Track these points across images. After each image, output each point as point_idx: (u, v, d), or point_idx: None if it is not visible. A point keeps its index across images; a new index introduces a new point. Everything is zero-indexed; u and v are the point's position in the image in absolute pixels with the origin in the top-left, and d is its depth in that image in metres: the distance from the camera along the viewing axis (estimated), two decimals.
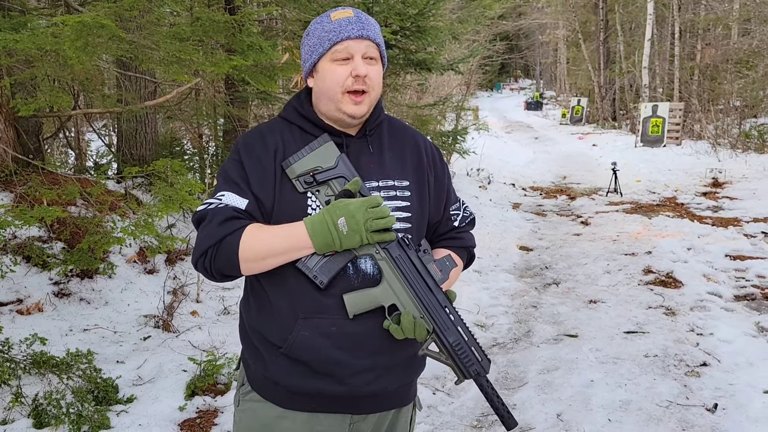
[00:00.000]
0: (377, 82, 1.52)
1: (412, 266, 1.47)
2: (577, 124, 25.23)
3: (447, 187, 1.70)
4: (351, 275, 1.47)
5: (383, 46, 1.55)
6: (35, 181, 4.28)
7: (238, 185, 1.49)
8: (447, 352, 1.46)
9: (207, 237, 1.45)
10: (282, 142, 1.53)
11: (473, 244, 1.77)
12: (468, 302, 5.29)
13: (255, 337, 1.55)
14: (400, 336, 1.45)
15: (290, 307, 1.48)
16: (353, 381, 1.48)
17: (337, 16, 1.51)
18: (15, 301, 4.34)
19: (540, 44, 45.25)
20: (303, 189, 1.48)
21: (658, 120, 15.94)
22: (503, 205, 9.91)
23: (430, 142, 1.72)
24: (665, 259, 6.30)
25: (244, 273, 1.47)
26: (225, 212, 1.45)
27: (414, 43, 8.41)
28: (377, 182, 1.54)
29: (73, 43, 2.86)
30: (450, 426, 3.39)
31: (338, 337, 1.47)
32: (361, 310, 1.46)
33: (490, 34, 19.90)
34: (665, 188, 10.92)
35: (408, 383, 1.61)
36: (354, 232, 1.40)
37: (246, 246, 1.42)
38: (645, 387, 3.72)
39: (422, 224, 1.61)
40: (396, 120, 1.71)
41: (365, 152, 1.57)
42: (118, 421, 3.24)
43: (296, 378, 1.50)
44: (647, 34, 19.36)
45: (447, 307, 1.48)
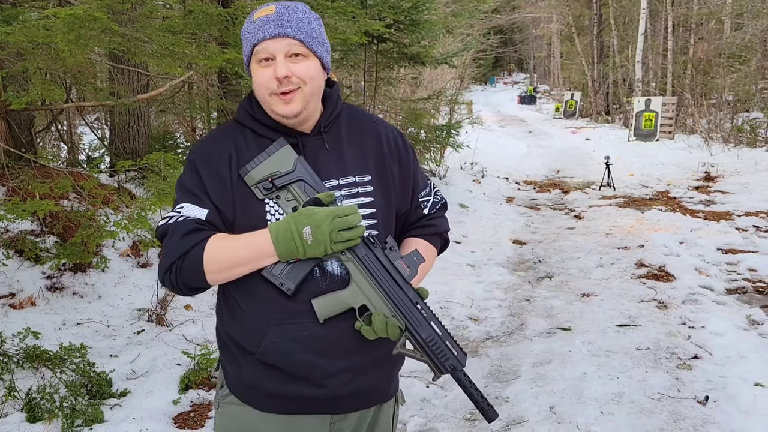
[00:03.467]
0: (308, 76, 1.44)
1: (380, 265, 1.44)
2: (571, 118, 25.28)
3: (414, 174, 1.65)
4: (318, 278, 1.45)
5: (314, 40, 1.46)
6: (27, 175, 4.26)
7: (196, 196, 1.46)
8: (421, 349, 1.44)
9: (170, 252, 1.42)
10: (236, 148, 1.49)
11: (446, 228, 1.73)
12: (461, 296, 5.30)
13: (230, 342, 1.53)
14: (372, 336, 1.43)
15: (260, 314, 1.46)
16: (330, 383, 1.47)
17: (258, 14, 1.44)
18: (8, 295, 4.33)
19: (534, 38, 45.26)
20: (262, 196, 1.45)
21: (651, 114, 15.99)
22: (497, 199, 9.93)
23: (393, 128, 1.66)
24: (658, 252, 6.34)
25: (212, 284, 1.44)
26: (186, 225, 1.42)
27: (408, 37, 8.40)
28: (337, 180, 1.50)
29: (66, 35, 2.85)
30: (443, 419, 3.41)
31: (311, 342, 1.44)
32: (332, 313, 1.43)
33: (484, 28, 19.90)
34: (658, 182, 10.97)
35: (387, 379, 1.59)
36: (318, 243, 1.37)
37: (210, 257, 1.40)
38: (637, 380, 3.74)
39: (389, 219, 1.57)
40: (356, 110, 1.64)
41: (322, 150, 1.51)
42: (112, 415, 3.24)
43: (272, 382, 1.48)
44: (641, 28, 19.39)
45: (418, 303, 1.45)
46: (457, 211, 8.67)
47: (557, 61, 37.95)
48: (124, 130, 6.66)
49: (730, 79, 17.09)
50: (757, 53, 17.10)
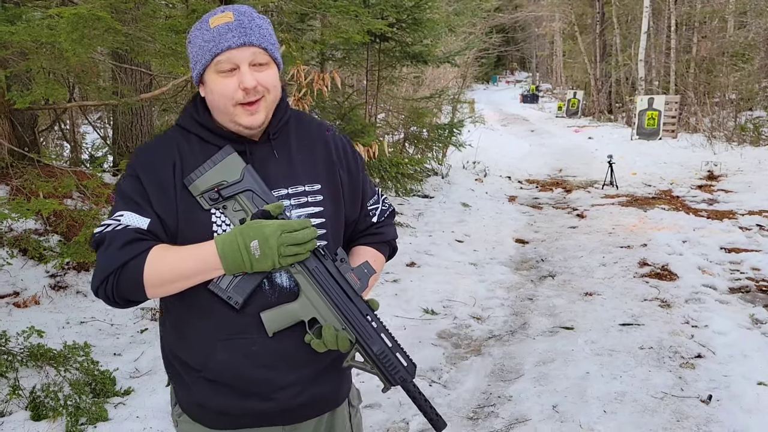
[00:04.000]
0: (272, 85, 1.41)
1: (330, 277, 1.41)
2: (573, 116, 25.24)
3: (362, 182, 1.61)
4: (267, 291, 1.40)
5: (273, 47, 1.42)
6: (31, 174, 4.27)
7: (137, 204, 1.38)
8: (372, 362, 1.42)
9: (107, 263, 1.34)
10: (180, 155, 1.42)
11: (395, 236, 1.70)
12: (464, 295, 5.31)
13: (174, 360, 1.50)
14: (322, 349, 1.40)
15: (207, 329, 1.42)
16: (279, 396, 1.44)
17: (215, 21, 1.38)
18: (12, 294, 4.34)
19: (536, 37, 45.19)
20: (208, 206, 1.39)
21: (654, 113, 15.96)
22: (499, 197, 9.92)
23: (340, 135, 1.62)
24: (660, 251, 6.33)
25: (151, 297, 1.38)
26: (125, 234, 1.35)
27: (410, 36, 8.40)
28: (286, 189, 1.45)
29: (69, 35, 2.85)
30: (446, 417, 3.41)
31: (260, 357, 1.41)
32: (281, 327, 1.40)
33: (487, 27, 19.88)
34: (661, 181, 10.95)
35: (337, 386, 1.57)
36: (266, 257, 1.32)
37: (151, 270, 1.33)
38: (640, 379, 3.74)
39: (338, 228, 1.54)
40: (304, 116, 1.60)
41: (271, 158, 1.46)
42: (116, 413, 3.25)
43: (221, 399, 1.44)
44: (643, 26, 19.36)
45: (368, 315, 1.42)
46: (459, 210, 8.67)
47: (560, 59, 37.90)
48: (127, 129, 6.68)
49: (734, 77, 17.06)
50: (760, 52, 17.06)
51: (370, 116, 9.01)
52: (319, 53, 8.09)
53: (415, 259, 6.26)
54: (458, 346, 4.37)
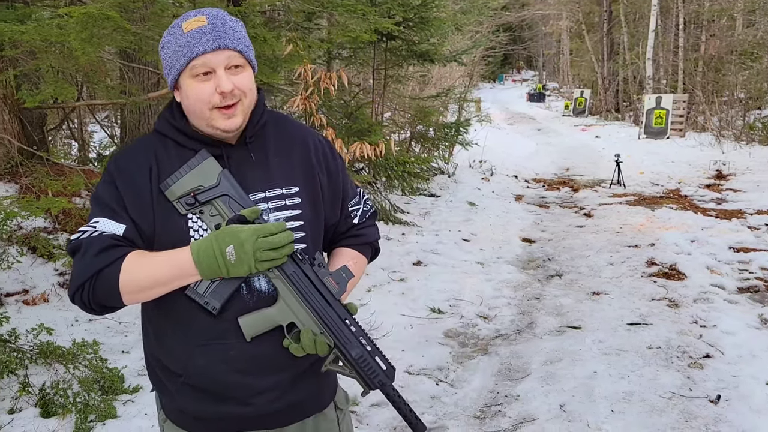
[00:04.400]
0: (248, 88, 1.40)
1: (308, 281, 1.40)
2: (580, 115, 25.18)
3: (342, 184, 1.59)
4: (245, 296, 1.40)
5: (248, 49, 1.42)
6: (40, 173, 4.30)
7: (113, 210, 1.37)
8: (350, 366, 1.41)
9: (83, 270, 1.33)
10: (156, 160, 1.41)
11: (377, 237, 1.69)
12: (471, 294, 5.30)
13: (156, 364, 1.49)
14: (300, 354, 1.40)
15: (185, 335, 1.41)
16: (257, 401, 1.44)
17: (189, 26, 1.37)
18: (21, 292, 4.37)
19: (543, 35, 45.11)
20: (185, 211, 1.38)
21: (661, 112, 15.89)
22: (506, 197, 9.91)
23: (320, 136, 1.60)
24: (668, 251, 6.31)
25: (128, 304, 1.38)
26: (101, 241, 1.34)
27: (417, 35, 8.39)
28: (264, 193, 1.44)
29: (79, 34, 2.87)
30: (453, 416, 3.41)
31: (237, 361, 1.40)
32: (259, 332, 1.39)
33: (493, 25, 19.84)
34: (669, 180, 10.90)
35: (317, 390, 1.56)
36: (242, 262, 1.31)
37: (127, 277, 1.32)
38: (648, 378, 3.73)
39: (317, 231, 1.53)
40: (282, 117, 1.59)
41: (247, 162, 1.45)
42: (125, 411, 3.26)
43: (199, 405, 1.44)
44: (651, 25, 19.27)
45: (347, 319, 1.42)
46: (465, 209, 8.67)
47: (566, 58, 37.80)
48: (134, 128, 6.71)
49: (742, 76, 16.96)
50: None
51: (376, 115, 9.01)
52: (326, 52, 8.10)
53: (422, 258, 6.26)
54: (465, 345, 4.37)
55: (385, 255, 6.17)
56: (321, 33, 8.54)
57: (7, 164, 4.96)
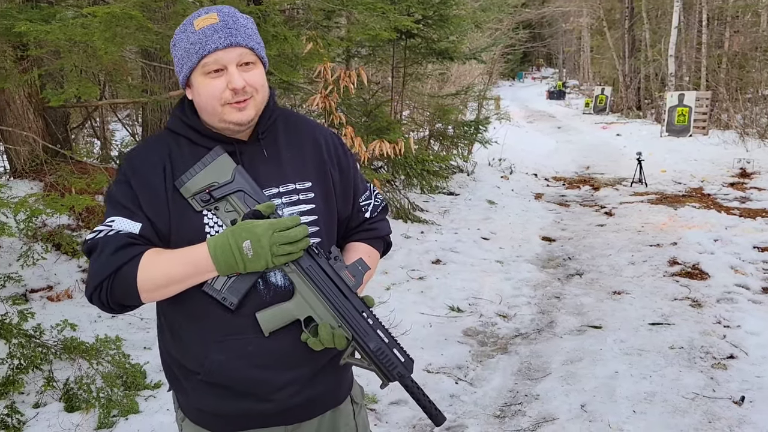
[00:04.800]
0: (260, 84, 1.41)
1: (324, 275, 1.40)
2: (601, 113, 24.93)
3: (354, 179, 1.60)
4: (262, 291, 1.40)
5: (259, 46, 1.42)
6: (64, 171, 4.35)
7: (128, 209, 1.38)
8: (369, 359, 1.41)
9: (100, 269, 1.34)
10: (170, 158, 1.42)
11: (388, 231, 1.69)
12: (490, 292, 5.28)
13: (173, 363, 1.50)
14: (318, 347, 1.39)
15: (202, 331, 1.41)
16: (277, 397, 1.44)
17: (200, 23, 1.37)
18: (45, 288, 4.44)
19: (563, 32, 44.73)
20: (200, 208, 1.39)
21: (684, 109, 15.68)
22: (525, 195, 9.85)
23: (330, 132, 1.61)
24: (691, 250, 6.22)
25: (146, 302, 1.38)
26: (117, 240, 1.34)
27: (436, 32, 8.37)
28: (277, 188, 1.45)
29: (102, 34, 2.90)
30: (473, 415, 3.40)
31: (256, 356, 1.40)
32: (277, 326, 1.39)
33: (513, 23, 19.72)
34: (691, 178, 10.76)
35: (336, 385, 1.56)
36: (259, 257, 1.31)
37: (145, 275, 1.33)
38: (670, 379, 3.69)
39: (331, 225, 1.53)
40: (293, 115, 1.60)
41: (260, 158, 1.46)
42: (147, 406, 3.30)
43: (218, 402, 1.44)
44: (674, 21, 19.01)
45: (364, 312, 1.42)
46: (485, 208, 8.63)
47: (587, 55, 37.45)
48: (155, 126, 6.77)
49: (767, 73, 16.67)
50: None
51: (395, 113, 9.01)
52: (345, 50, 8.11)
53: (441, 256, 6.25)
54: (484, 343, 4.36)
55: (404, 253, 6.17)
56: (340, 31, 8.55)
57: (32, 162, 5.03)
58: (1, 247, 4.52)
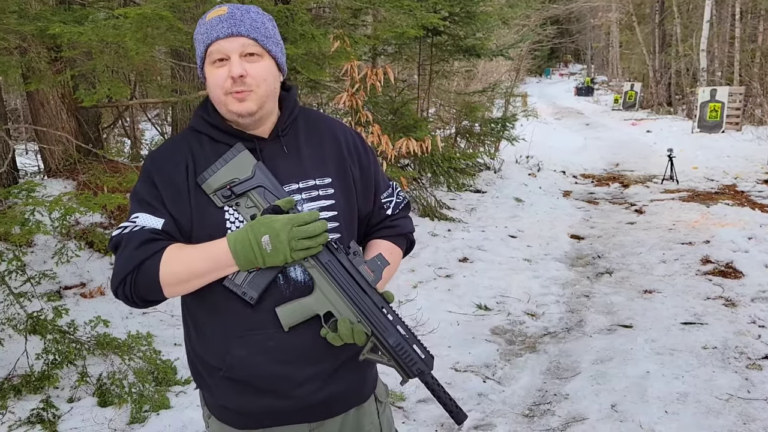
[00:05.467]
0: (262, 78, 1.41)
1: (344, 270, 1.41)
2: (630, 109, 24.55)
3: (375, 176, 1.60)
4: (282, 286, 1.41)
5: (268, 39, 1.43)
6: (97, 170, 4.43)
7: (151, 205, 1.41)
8: (388, 354, 1.41)
9: (125, 263, 1.37)
10: (192, 156, 1.44)
11: (411, 229, 1.69)
12: (518, 291, 5.24)
13: (197, 360, 1.51)
14: (338, 343, 1.40)
15: (223, 326, 1.43)
16: (298, 393, 1.44)
17: (210, 15, 1.41)
18: (79, 285, 4.53)
19: (591, 28, 44.16)
20: (221, 204, 1.41)
21: (716, 105, 15.37)
22: (553, 192, 9.75)
23: (351, 130, 1.62)
24: (724, 248, 6.10)
25: (168, 296, 1.40)
26: (141, 235, 1.37)
27: (463, 29, 8.33)
28: (297, 184, 1.46)
29: (134, 34, 2.94)
30: (501, 414, 3.38)
31: (276, 352, 1.41)
32: (296, 321, 1.40)
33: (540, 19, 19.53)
34: (724, 175, 10.53)
35: (359, 382, 1.56)
36: (278, 252, 1.32)
37: (167, 269, 1.35)
38: (703, 379, 3.62)
39: (351, 221, 1.53)
40: (313, 112, 1.61)
41: (280, 154, 1.47)
42: (177, 402, 3.34)
43: (241, 399, 1.46)
44: (706, 15, 18.63)
45: (384, 307, 1.42)
46: (512, 206, 8.57)
47: (616, 51, 36.92)
48: (184, 126, 6.84)
49: None
50: None
51: (422, 111, 8.99)
52: (371, 48, 8.11)
53: (468, 254, 6.22)
54: (512, 342, 4.32)
55: (431, 251, 6.15)
56: (366, 29, 8.56)
57: (65, 161, 5.14)
58: (36, 244, 4.62)
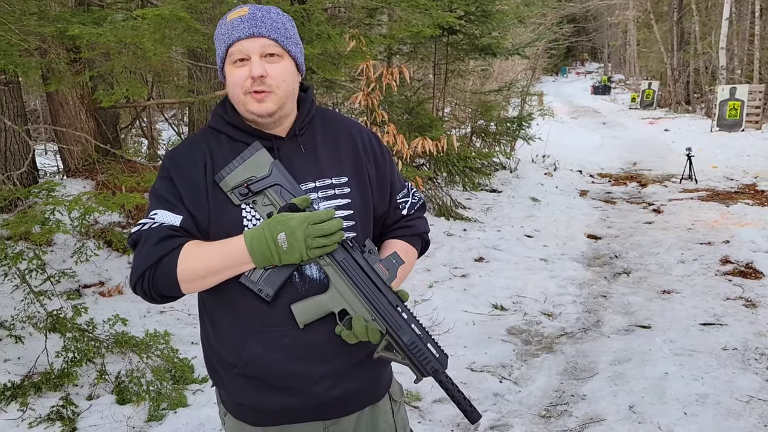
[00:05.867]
0: (281, 79, 1.42)
1: (359, 268, 1.42)
2: (648, 108, 24.32)
3: (390, 176, 1.62)
4: (297, 284, 1.42)
5: (288, 40, 1.44)
6: (115, 169, 4.47)
7: (170, 202, 1.42)
8: (402, 352, 1.42)
9: (143, 259, 1.39)
10: (210, 154, 1.46)
11: (426, 229, 1.69)
12: (534, 291, 5.21)
13: (213, 357, 1.53)
14: (352, 340, 1.41)
15: (239, 323, 1.45)
16: (313, 390, 1.45)
17: (231, 16, 1.43)
18: (97, 284, 4.57)
19: (608, 26, 43.81)
20: (238, 201, 1.42)
21: (736, 103, 15.18)
22: (570, 192, 9.68)
23: (367, 130, 1.63)
24: (744, 248, 6.02)
25: (186, 293, 1.42)
26: (160, 232, 1.39)
27: (478, 28, 8.30)
28: (314, 183, 1.47)
29: (152, 35, 2.97)
30: (517, 414, 3.36)
31: (292, 349, 1.42)
32: (311, 318, 1.41)
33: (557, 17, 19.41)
34: (744, 175, 10.40)
35: (373, 380, 1.57)
36: (294, 249, 1.34)
37: (184, 266, 1.37)
38: (723, 381, 3.58)
39: (367, 220, 1.54)
40: (329, 112, 1.63)
41: (297, 153, 1.49)
42: (194, 400, 3.36)
43: (256, 396, 1.47)
44: (725, 12, 18.41)
45: (398, 306, 1.43)
46: (528, 205, 8.52)
47: (633, 49, 36.58)
48: (201, 126, 6.89)
49: None
50: None
51: (437, 110, 8.97)
52: (387, 48, 8.11)
53: (484, 254, 6.20)
54: (529, 342, 4.30)
55: (446, 251, 6.14)
56: (382, 29, 8.56)
57: (84, 161, 5.19)
58: (56, 243, 4.68)
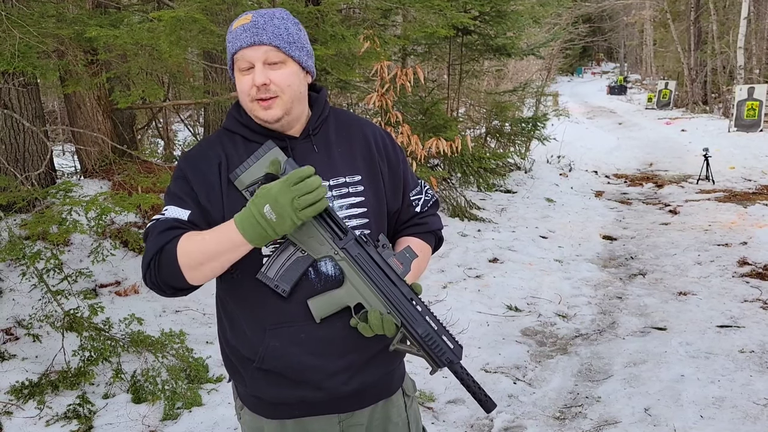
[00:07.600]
0: (286, 84, 1.44)
1: (373, 263, 1.44)
2: (665, 108, 24.09)
3: (403, 174, 1.64)
4: (313, 279, 1.45)
5: (288, 44, 1.45)
6: (131, 170, 4.51)
7: (181, 199, 1.47)
8: (418, 344, 1.44)
9: (149, 249, 1.43)
10: (225, 154, 1.49)
11: (439, 226, 1.71)
12: (549, 292, 5.19)
13: (231, 352, 1.56)
14: (369, 333, 1.43)
15: (257, 319, 1.48)
16: (330, 384, 1.48)
17: (236, 24, 1.46)
18: (114, 283, 4.62)
19: (624, 26, 43.48)
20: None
21: (754, 103, 15.00)
22: (585, 193, 9.62)
23: (380, 129, 1.66)
24: (763, 250, 5.95)
25: (191, 282, 1.43)
26: (165, 224, 1.44)
27: (493, 28, 8.27)
28: (328, 181, 1.49)
29: (168, 37, 2.99)
30: (532, 416, 3.35)
31: (309, 343, 1.46)
32: (328, 313, 1.44)
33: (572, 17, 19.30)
34: (762, 175, 10.28)
35: (388, 374, 1.60)
36: (283, 217, 1.32)
37: (183, 252, 1.39)
38: (740, 384, 3.54)
39: (380, 217, 1.57)
40: (343, 112, 1.66)
41: (311, 153, 1.52)
42: (209, 399, 3.39)
43: (273, 389, 1.50)
44: (743, 11, 18.19)
45: (413, 299, 1.45)
46: (543, 206, 8.48)
47: (650, 49, 36.28)
48: (216, 127, 6.94)
49: None
50: None
51: (451, 111, 8.95)
52: (401, 48, 8.11)
53: (498, 254, 6.18)
54: (543, 344, 4.28)
55: (460, 251, 6.12)
56: (396, 30, 8.56)
57: (101, 162, 5.25)
58: (73, 243, 4.73)
